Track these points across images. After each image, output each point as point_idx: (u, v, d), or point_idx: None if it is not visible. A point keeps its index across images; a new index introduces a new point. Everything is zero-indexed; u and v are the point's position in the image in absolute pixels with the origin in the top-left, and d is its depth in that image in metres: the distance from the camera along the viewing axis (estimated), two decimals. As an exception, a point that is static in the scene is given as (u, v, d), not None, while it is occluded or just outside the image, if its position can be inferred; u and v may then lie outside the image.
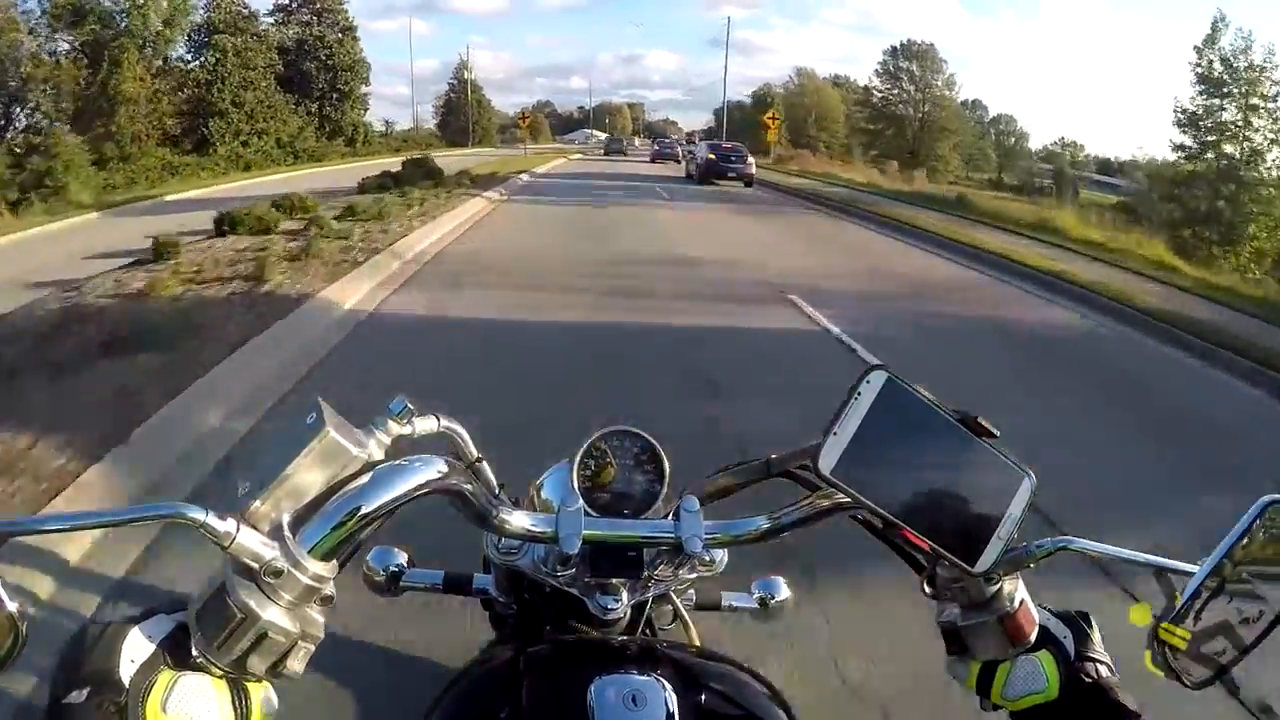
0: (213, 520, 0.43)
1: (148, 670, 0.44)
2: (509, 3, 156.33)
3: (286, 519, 0.47)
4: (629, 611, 0.68)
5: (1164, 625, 0.53)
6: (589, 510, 0.66)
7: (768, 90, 74.60)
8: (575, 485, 0.71)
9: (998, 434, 0.53)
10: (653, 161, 32.51)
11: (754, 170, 18.09)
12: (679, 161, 28.43)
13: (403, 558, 0.94)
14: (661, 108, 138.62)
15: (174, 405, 3.04)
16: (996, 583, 0.56)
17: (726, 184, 17.92)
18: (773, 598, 0.98)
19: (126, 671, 0.44)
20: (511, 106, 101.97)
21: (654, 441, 0.74)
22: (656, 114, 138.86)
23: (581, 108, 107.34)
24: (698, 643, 0.84)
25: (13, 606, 0.39)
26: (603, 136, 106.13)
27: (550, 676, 0.63)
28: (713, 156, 18.88)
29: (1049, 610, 0.59)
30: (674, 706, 0.55)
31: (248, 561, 0.45)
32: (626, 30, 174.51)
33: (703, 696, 0.60)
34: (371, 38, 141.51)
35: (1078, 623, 0.59)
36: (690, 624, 0.87)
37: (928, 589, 0.59)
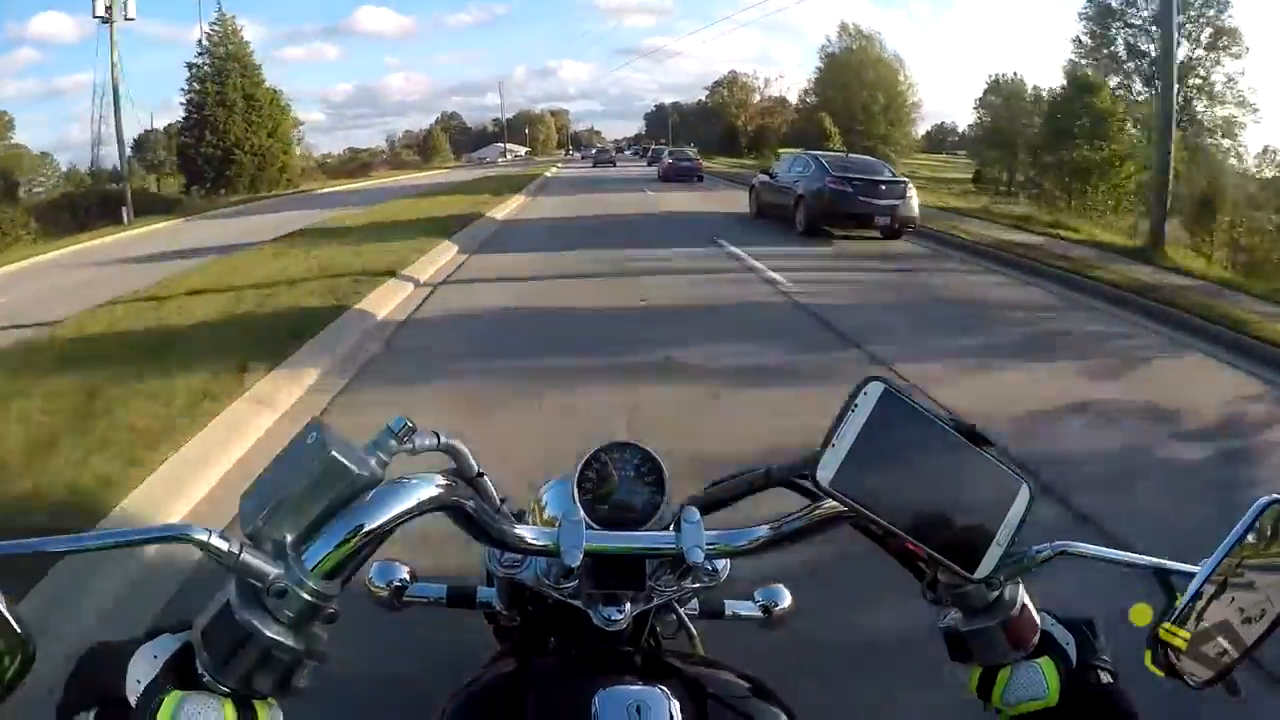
0: (216, 540, 0.45)
1: (154, 690, 0.46)
2: (417, 22, 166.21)
3: (289, 538, 0.49)
4: (632, 622, 0.69)
5: (1165, 625, 0.55)
6: (590, 523, 0.69)
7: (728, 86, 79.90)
8: (576, 498, 0.74)
9: (995, 443, 0.55)
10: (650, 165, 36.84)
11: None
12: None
13: (405, 572, 0.95)
14: (583, 118, 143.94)
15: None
16: (997, 588, 0.58)
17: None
18: (776, 605, 0.99)
19: (133, 691, 0.46)
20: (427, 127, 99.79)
21: (654, 453, 0.77)
22: (580, 124, 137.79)
23: (496, 120, 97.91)
24: (701, 652, 0.88)
25: (21, 627, 0.40)
26: (522, 150, 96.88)
27: (554, 688, 0.65)
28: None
29: (1053, 616, 0.61)
30: (678, 717, 0.57)
31: (252, 581, 0.47)
32: (537, 43, 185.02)
33: (707, 706, 0.62)
34: (279, 65, 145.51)
35: (1082, 629, 0.60)
36: (694, 633, 0.90)
37: (929, 595, 0.61)
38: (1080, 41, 29.47)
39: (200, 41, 35.60)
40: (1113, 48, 28.04)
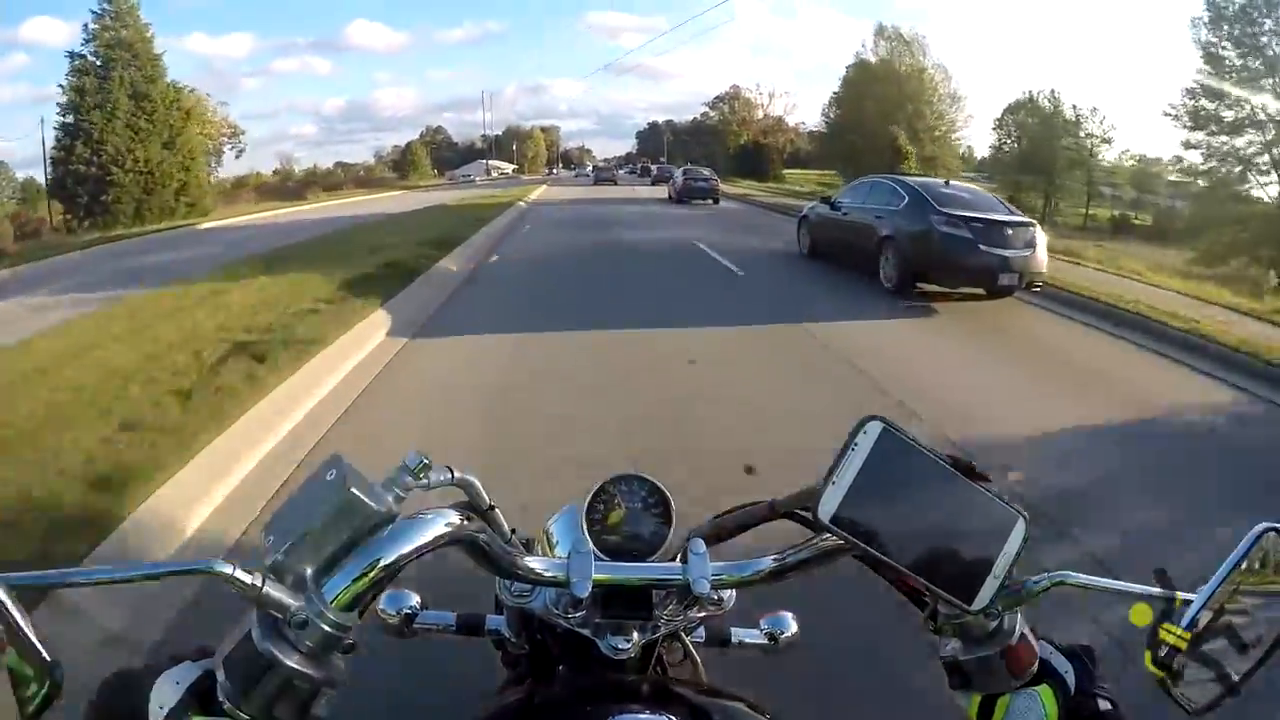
0: (240, 574, 0.48)
1: (176, 716, 0.49)
2: (409, 38, 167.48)
3: (309, 572, 0.52)
4: (639, 650, 0.72)
5: (1165, 626, 0.58)
6: (598, 554, 0.71)
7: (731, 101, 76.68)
8: (585, 529, 0.78)
9: (990, 478, 0.59)
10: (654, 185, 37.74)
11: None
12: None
13: (415, 600, 0.98)
14: (573, 136, 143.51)
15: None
16: (996, 618, 0.61)
17: None
18: (781, 633, 1.01)
19: (155, 718, 0.48)
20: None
21: (661, 485, 0.81)
22: (571, 142, 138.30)
23: (484, 136, 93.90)
24: (705, 680, 0.90)
25: (48, 653, 0.42)
26: (509, 168, 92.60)
27: (564, 716, 0.68)
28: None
29: (1052, 644, 0.63)
30: None
31: (273, 612, 0.50)
32: (529, 61, 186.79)
33: None
34: (272, 77, 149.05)
35: (1080, 658, 0.62)
36: (699, 661, 0.92)
37: (929, 625, 0.63)
38: (1213, 54, 25.23)
39: (86, 26, 27.05)
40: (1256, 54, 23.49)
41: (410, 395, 4.57)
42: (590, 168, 79.32)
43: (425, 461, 0.64)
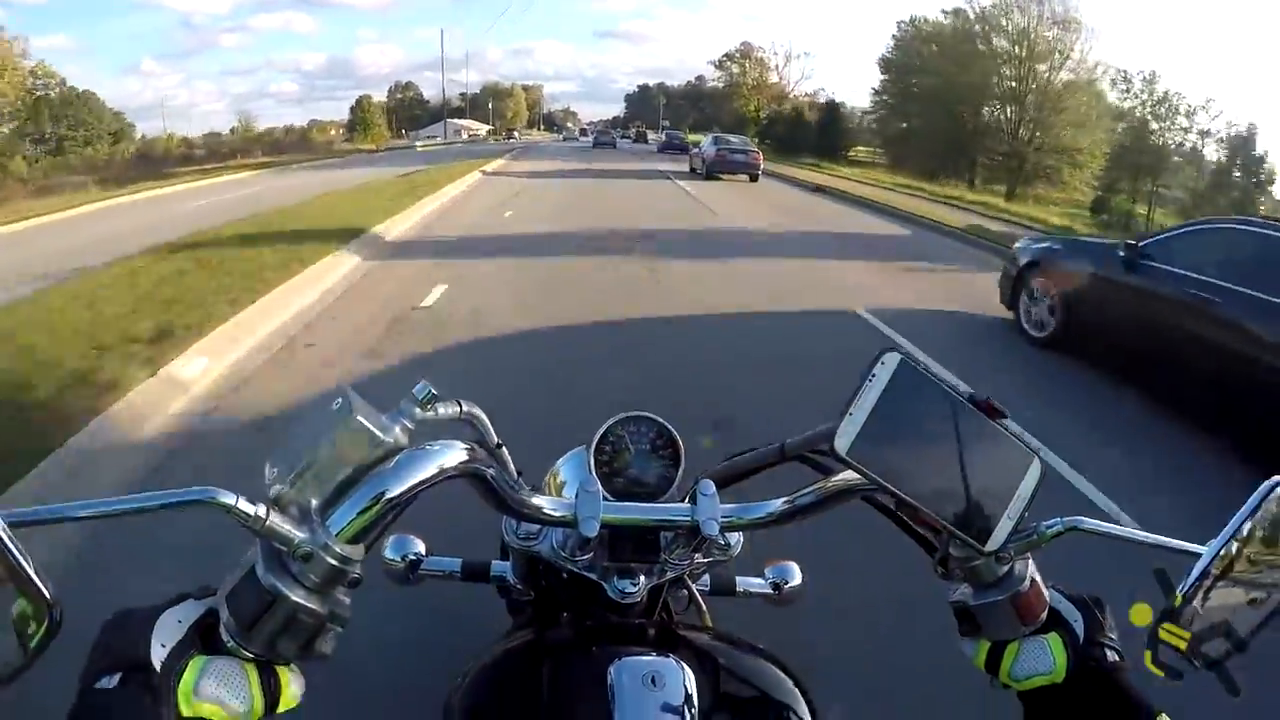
0: (243, 505, 0.49)
1: (178, 654, 0.50)
2: None
3: (315, 503, 0.53)
4: (645, 595, 0.76)
5: (1165, 626, 0.59)
6: (607, 495, 0.74)
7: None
8: (593, 469, 0.82)
9: (1008, 414, 0.60)
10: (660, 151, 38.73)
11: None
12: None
13: (420, 546, 1.05)
14: (560, 99, 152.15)
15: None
16: (1007, 563, 0.63)
17: None
18: (786, 583, 1.07)
19: (157, 656, 0.49)
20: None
21: (669, 427, 0.85)
22: (555, 104, 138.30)
23: (463, 94, 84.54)
24: (711, 625, 0.94)
25: (49, 590, 0.44)
26: (482, 130, 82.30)
27: (571, 658, 0.71)
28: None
29: (1061, 593, 0.66)
30: (692, 687, 0.63)
31: (277, 545, 0.51)
32: (515, 21, 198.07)
33: (720, 677, 0.69)
34: (253, 33, 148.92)
35: (1089, 607, 0.64)
36: (704, 608, 0.98)
37: (939, 570, 0.66)
38: None
39: None
40: None
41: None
42: (579, 131, 78.79)
43: (433, 393, 0.64)
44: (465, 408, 0.71)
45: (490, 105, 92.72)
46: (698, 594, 0.96)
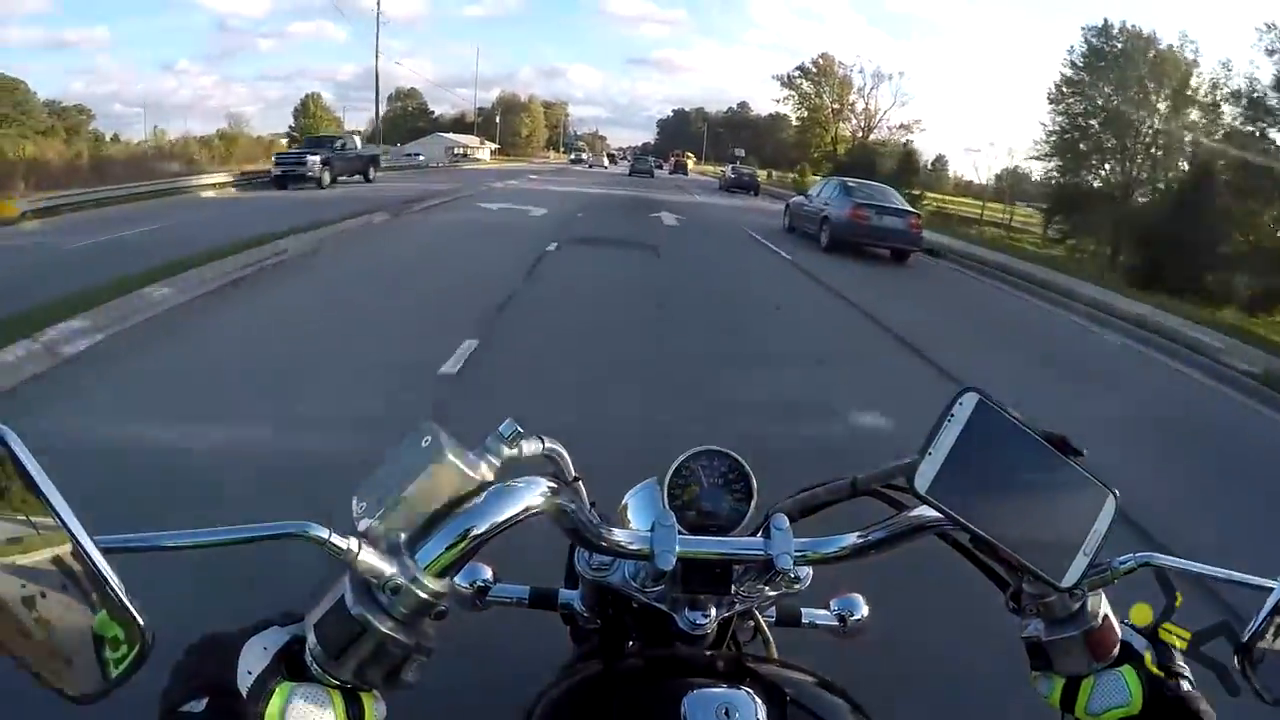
0: (336, 539, 0.54)
1: (265, 680, 0.54)
2: (428, 7, 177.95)
3: (404, 538, 0.59)
4: (715, 627, 0.83)
5: (1165, 625, 0.66)
6: (680, 529, 0.79)
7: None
8: (665, 503, 0.89)
9: (1085, 453, 0.64)
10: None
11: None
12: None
13: (488, 573, 1.10)
14: (588, 123, 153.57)
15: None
16: (1080, 599, 0.69)
17: None
18: (852, 615, 1.12)
19: (244, 682, 0.54)
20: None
21: (742, 460, 0.93)
22: (583, 127, 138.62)
23: (482, 110, 72.93)
24: (777, 657, 1.01)
25: (142, 618, 0.48)
26: (486, 151, 68.77)
27: (643, 690, 0.75)
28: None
29: (1133, 627, 0.72)
30: (764, 718, 0.67)
31: (368, 577, 0.57)
32: (549, 43, 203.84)
33: (789, 710, 0.72)
34: (287, 39, 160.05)
35: (1159, 638, 0.70)
36: (770, 639, 1.03)
37: (1012, 605, 0.73)
38: None
39: None
40: None
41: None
42: (606, 157, 76.33)
43: (519, 430, 0.70)
44: (548, 444, 0.78)
45: (497, 120, 79.76)
46: (764, 625, 1.04)
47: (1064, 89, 31.93)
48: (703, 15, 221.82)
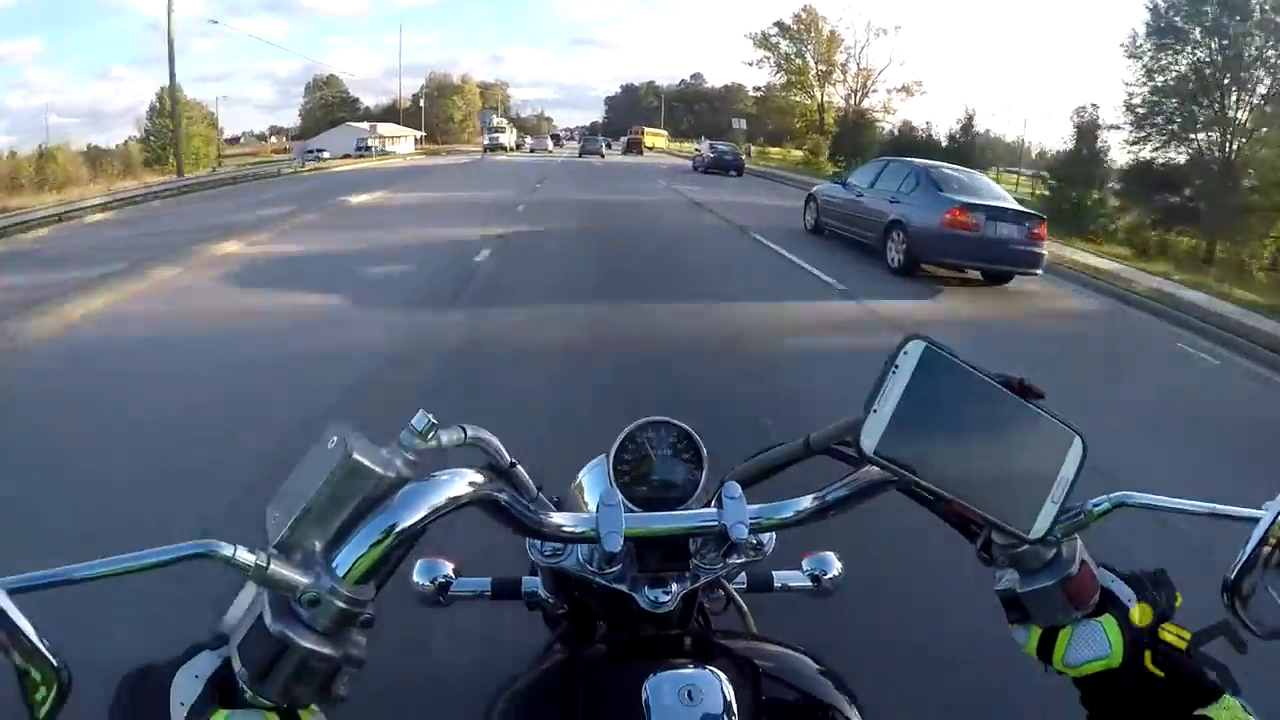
0: (242, 555, 0.54)
1: (198, 711, 0.54)
2: (365, 2, 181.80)
3: (318, 546, 0.58)
4: (680, 602, 0.83)
5: (1165, 625, 0.65)
6: (629, 505, 0.83)
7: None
8: (613, 480, 0.87)
9: (1044, 394, 0.64)
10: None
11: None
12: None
13: (448, 568, 1.12)
14: (535, 105, 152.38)
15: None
16: (1054, 546, 0.69)
17: None
18: (825, 574, 1.14)
19: (177, 715, 0.53)
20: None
21: (689, 430, 0.92)
22: (526, 111, 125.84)
23: (415, 97, 65.35)
24: (753, 627, 1.03)
25: (55, 657, 0.49)
26: (411, 137, 61.27)
27: (605, 676, 0.75)
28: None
29: (1114, 572, 0.72)
30: (731, 696, 0.67)
31: (283, 592, 0.57)
32: (489, 27, 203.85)
33: (761, 684, 0.73)
34: (225, 38, 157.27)
35: (1145, 585, 0.70)
36: (744, 608, 1.04)
37: (983, 557, 0.73)
38: None
39: None
40: None
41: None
42: (550, 138, 69.86)
43: (432, 421, 0.67)
44: (470, 432, 0.75)
45: (422, 104, 71.75)
46: (734, 594, 1.05)
47: (1151, 36, 25.59)
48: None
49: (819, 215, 13.99)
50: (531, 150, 61.29)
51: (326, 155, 51.02)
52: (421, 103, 79.59)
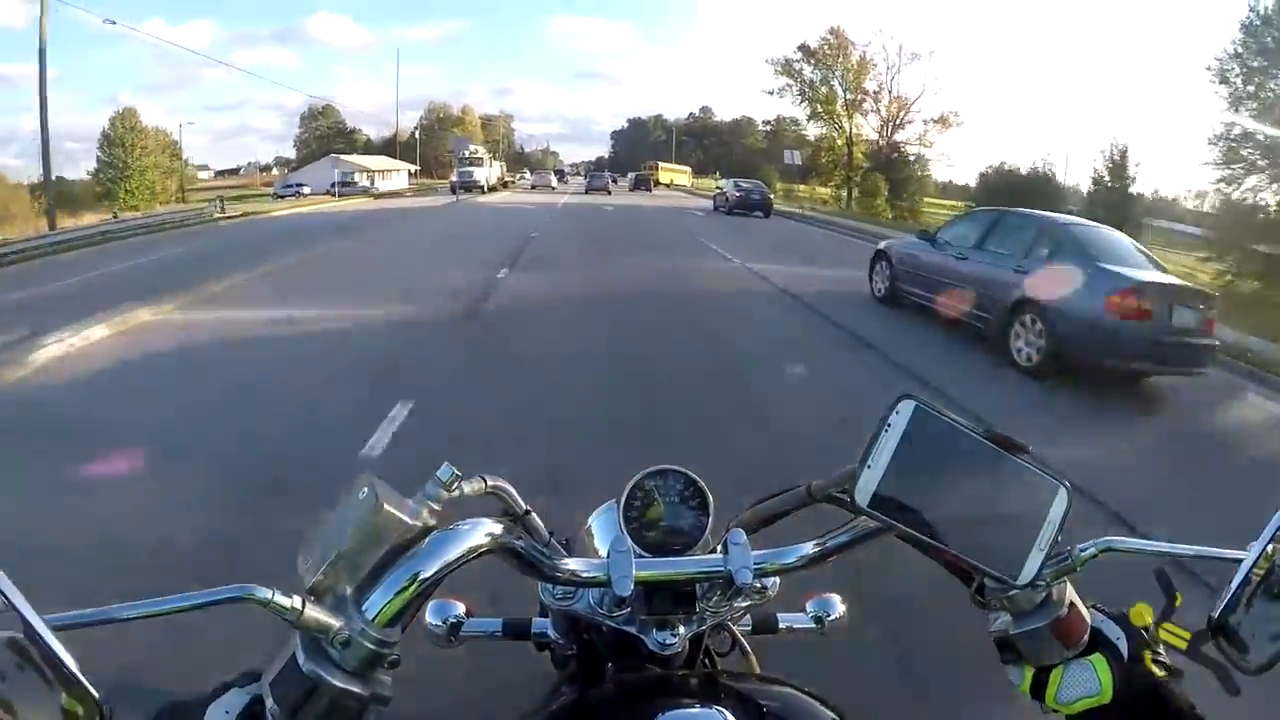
0: (279, 598, 0.58)
1: None
2: (374, 35, 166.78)
3: (349, 590, 0.62)
4: (686, 644, 0.88)
5: (1165, 625, 0.68)
6: (639, 550, 0.87)
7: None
8: (623, 527, 0.90)
9: (1029, 448, 0.68)
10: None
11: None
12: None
13: (460, 609, 1.14)
14: (541, 141, 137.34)
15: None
16: (1044, 589, 0.73)
17: None
18: (828, 615, 1.16)
19: None
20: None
21: (696, 478, 0.96)
22: (531, 145, 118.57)
23: (415, 133, 63.64)
24: (756, 668, 1.08)
25: (97, 693, 0.51)
26: (402, 171, 58.53)
27: (615, 715, 0.78)
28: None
29: (1103, 612, 0.76)
30: None
31: (316, 633, 0.60)
32: (495, 63, 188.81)
33: None
34: (231, 71, 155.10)
35: (1131, 624, 0.74)
36: (748, 650, 1.09)
37: (977, 600, 0.77)
38: None
39: None
40: None
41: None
42: (554, 174, 64.96)
43: (456, 473, 0.74)
44: (490, 482, 0.83)
45: (418, 136, 70.11)
46: (739, 636, 1.10)
47: (1243, 58, 21.18)
48: (651, 23, 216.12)
49: (894, 280, 11.03)
50: (533, 186, 57.36)
51: (308, 190, 47.25)
52: (418, 134, 75.51)
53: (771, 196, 34.55)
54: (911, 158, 42.30)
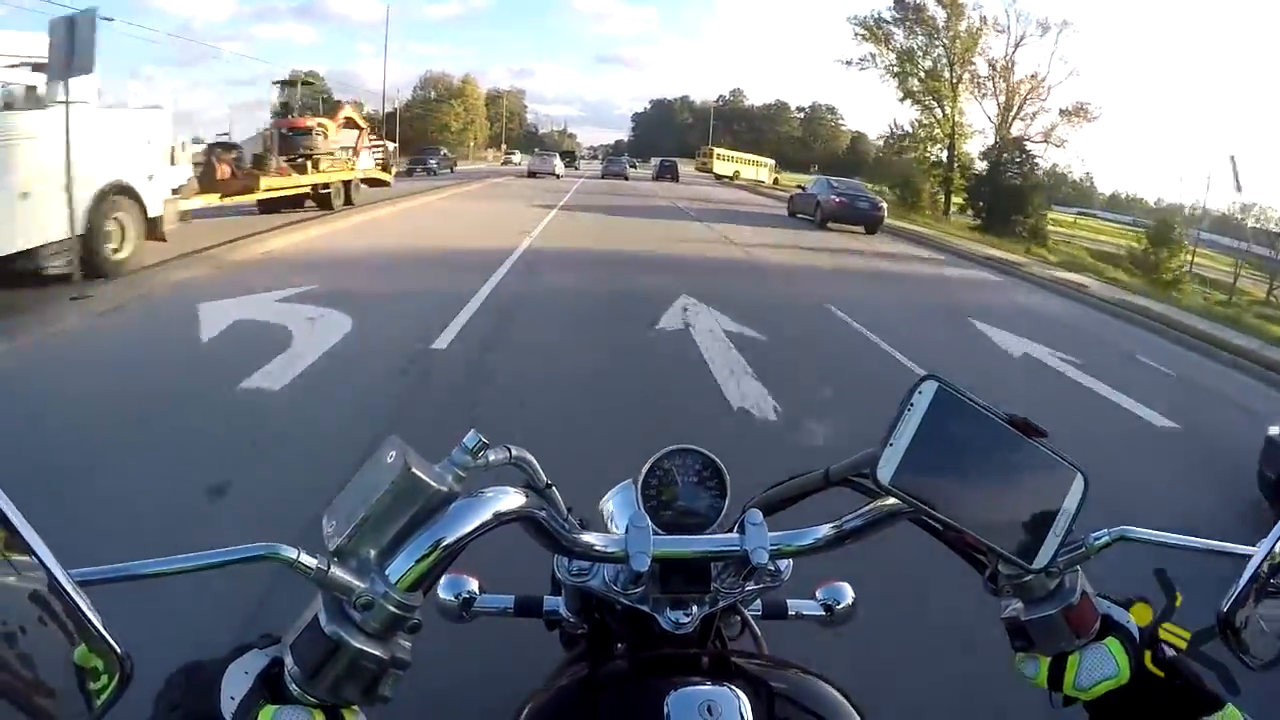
0: (305, 558, 0.60)
1: (247, 705, 0.58)
2: (393, 10, 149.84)
3: (373, 553, 0.63)
4: (698, 625, 0.90)
5: (1165, 625, 0.69)
6: (656, 529, 0.86)
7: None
8: (641, 504, 0.95)
9: (1048, 433, 0.69)
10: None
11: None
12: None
13: (473, 584, 1.18)
14: (558, 121, 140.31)
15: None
16: (1057, 577, 0.74)
17: None
18: (838, 604, 1.19)
19: (227, 708, 0.58)
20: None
21: (715, 458, 0.99)
22: (552, 126, 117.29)
23: (394, 109, 53.99)
24: (766, 651, 1.10)
25: (119, 646, 0.52)
26: (380, 149, 47.03)
27: (626, 690, 0.81)
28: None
29: (1111, 600, 0.78)
30: (749, 714, 0.72)
31: (339, 595, 0.62)
32: (516, 43, 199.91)
33: (776, 704, 0.77)
34: (253, 42, 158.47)
35: (1133, 621, 0.79)
36: (758, 634, 1.12)
37: (990, 586, 0.79)
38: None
39: None
40: None
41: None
42: (560, 157, 53.69)
43: (483, 441, 0.74)
44: (515, 452, 0.82)
45: (396, 109, 60.37)
46: (750, 619, 1.12)
47: None
48: (675, 5, 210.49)
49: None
50: (532, 173, 44.75)
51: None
52: (395, 105, 63.77)
53: (884, 206, 24.09)
54: (1039, 157, 32.62)
